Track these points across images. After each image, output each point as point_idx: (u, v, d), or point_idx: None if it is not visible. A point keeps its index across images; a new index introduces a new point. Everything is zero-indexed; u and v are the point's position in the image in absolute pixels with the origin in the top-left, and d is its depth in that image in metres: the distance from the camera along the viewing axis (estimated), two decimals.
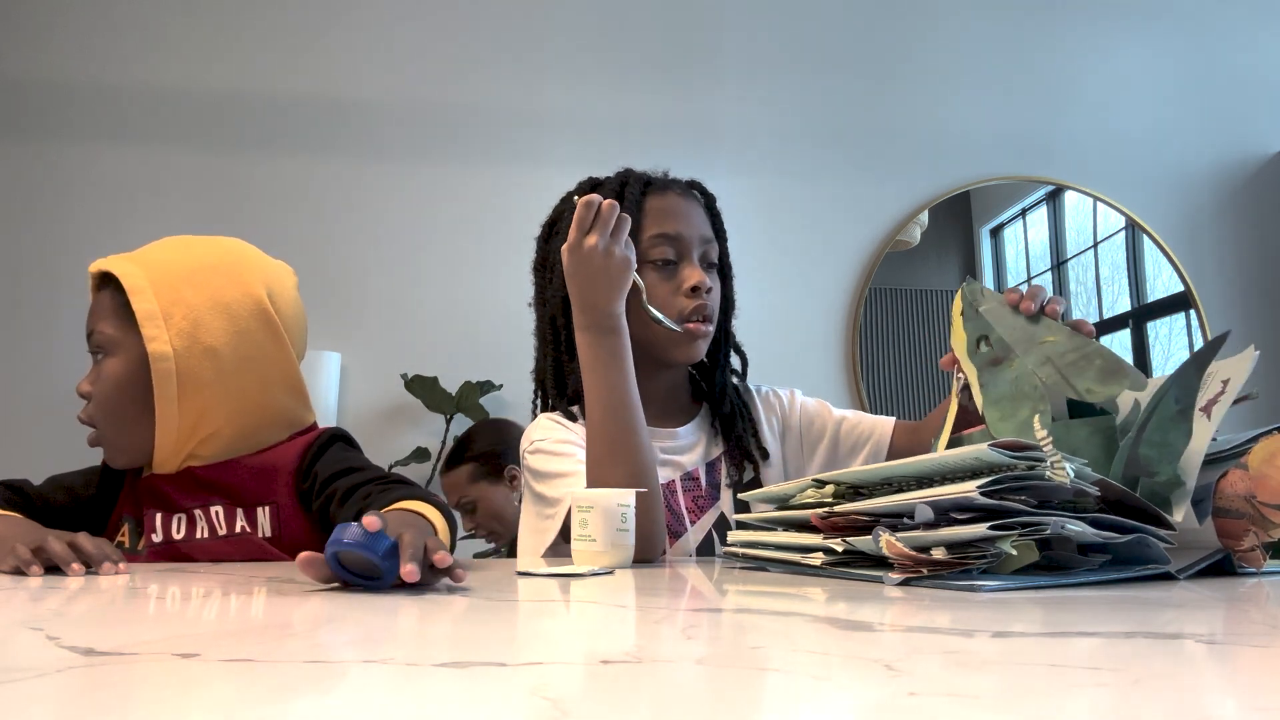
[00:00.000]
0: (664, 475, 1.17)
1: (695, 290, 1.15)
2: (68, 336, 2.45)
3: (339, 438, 1.12)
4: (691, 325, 1.14)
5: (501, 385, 2.54)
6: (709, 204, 1.25)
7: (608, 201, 1.02)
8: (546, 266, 1.23)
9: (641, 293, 1.12)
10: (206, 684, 0.33)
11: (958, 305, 0.93)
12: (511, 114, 2.75)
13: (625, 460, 1.02)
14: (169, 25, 2.67)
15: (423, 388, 2.48)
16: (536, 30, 2.80)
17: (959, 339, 0.91)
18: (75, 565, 0.80)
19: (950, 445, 0.87)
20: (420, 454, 2.48)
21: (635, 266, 1.05)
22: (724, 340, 1.26)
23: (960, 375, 0.93)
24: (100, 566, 0.82)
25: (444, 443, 2.51)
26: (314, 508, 1.04)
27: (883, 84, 2.92)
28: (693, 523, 1.16)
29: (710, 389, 1.26)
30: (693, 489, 1.19)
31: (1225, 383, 0.72)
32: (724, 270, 1.25)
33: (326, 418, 2.45)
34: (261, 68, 2.69)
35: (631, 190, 1.18)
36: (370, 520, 0.65)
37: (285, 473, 1.06)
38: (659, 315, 1.12)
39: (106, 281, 1.07)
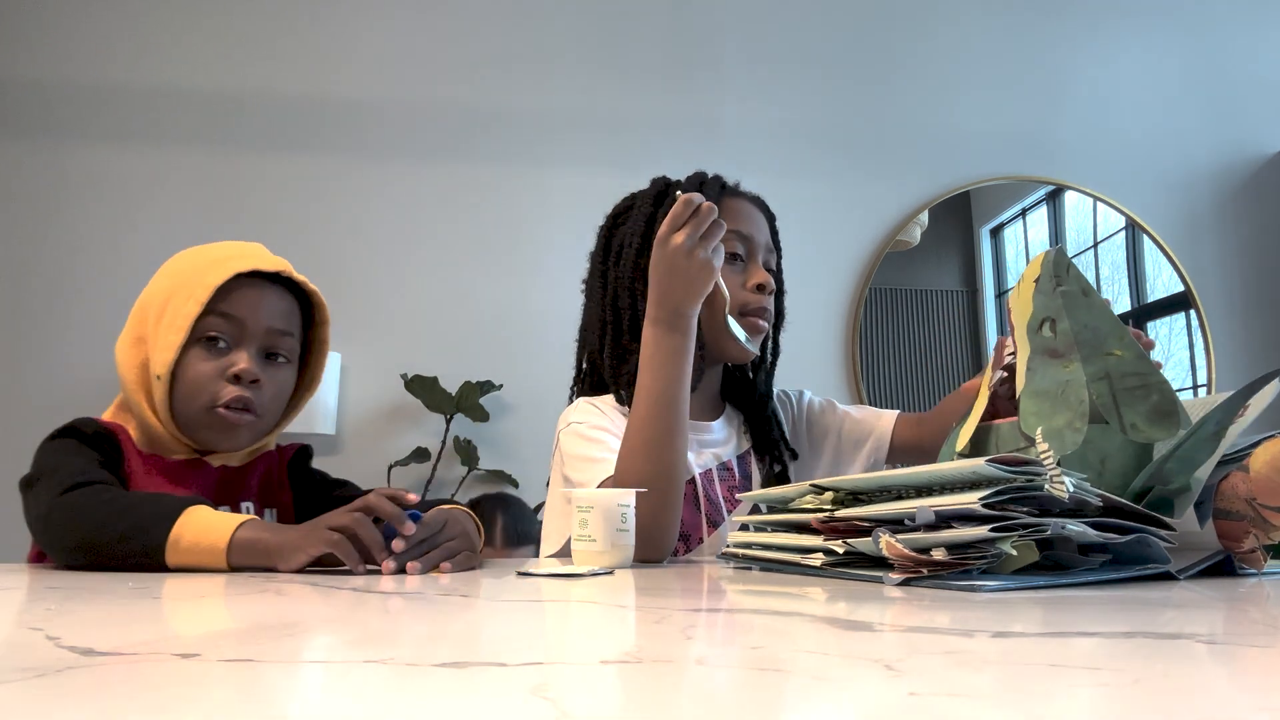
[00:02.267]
0: (701, 464, 1.20)
1: (761, 288, 1.20)
2: (68, 336, 2.46)
3: (311, 452, 1.19)
4: (752, 319, 1.20)
5: (501, 385, 2.54)
6: (770, 219, 1.30)
7: (707, 204, 1.03)
8: (609, 252, 1.25)
9: (726, 304, 1.15)
10: (206, 684, 0.33)
11: (1035, 269, 0.85)
12: (512, 114, 2.75)
13: (657, 459, 1.03)
14: (169, 25, 2.67)
15: (423, 388, 2.48)
16: (538, 31, 2.80)
17: (1023, 304, 0.84)
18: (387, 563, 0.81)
19: (976, 436, 0.85)
20: (420, 454, 2.49)
21: (717, 276, 1.05)
22: (771, 349, 1.31)
23: (1000, 371, 0.89)
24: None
25: (444, 443, 2.51)
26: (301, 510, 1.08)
27: (883, 84, 2.92)
28: (729, 511, 1.18)
29: (751, 390, 1.30)
30: (728, 479, 1.22)
31: (1247, 407, 0.72)
32: (779, 284, 1.29)
33: (327, 418, 2.45)
34: (263, 68, 2.69)
35: (710, 189, 1.23)
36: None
37: (283, 476, 1.11)
38: (739, 331, 1.15)
39: (278, 283, 1.09)
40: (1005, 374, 0.89)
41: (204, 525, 0.83)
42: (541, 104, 2.76)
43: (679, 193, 1.05)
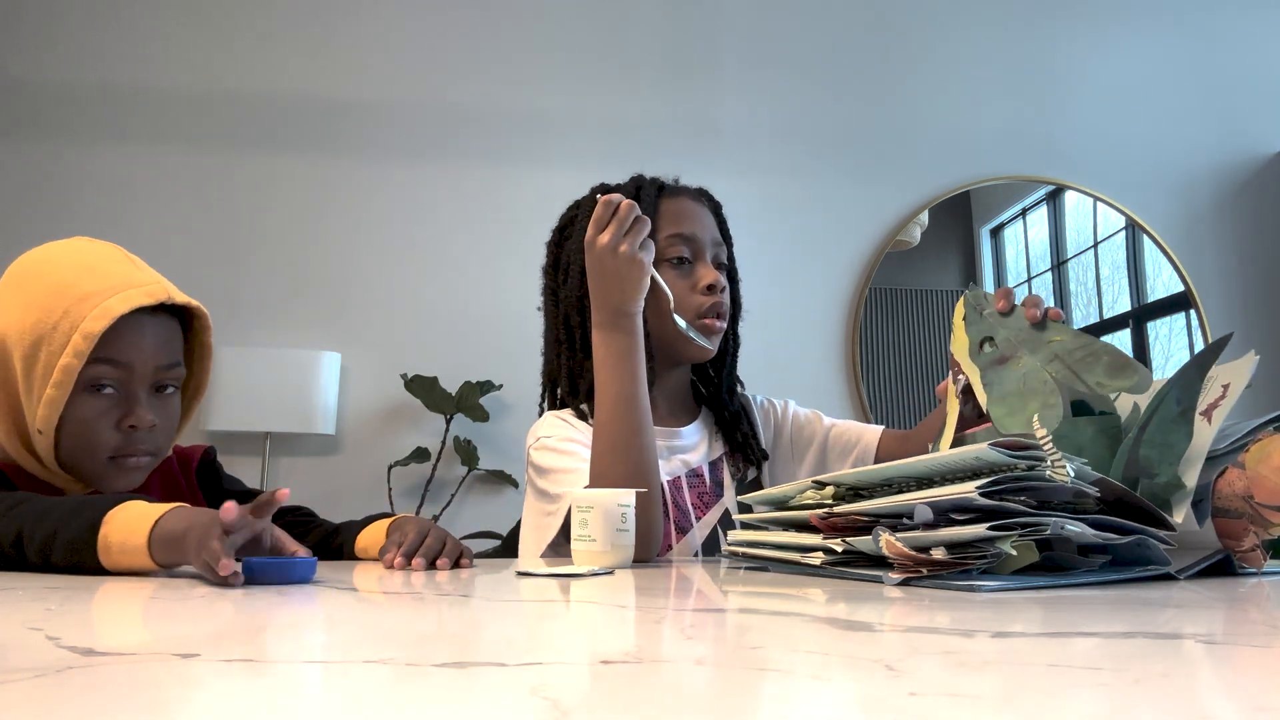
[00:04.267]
0: (670, 471, 1.19)
1: (711, 288, 1.18)
2: None
3: (214, 454, 1.14)
4: (707, 321, 1.18)
5: (501, 385, 2.54)
6: (716, 210, 1.28)
7: (626, 202, 1.03)
8: (559, 268, 1.24)
9: (669, 302, 1.13)
10: (206, 684, 0.33)
11: (960, 311, 0.93)
12: (512, 114, 2.75)
13: (626, 459, 1.03)
14: (169, 25, 2.68)
15: (423, 388, 2.48)
16: (538, 31, 2.80)
17: (960, 343, 0.91)
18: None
19: (954, 445, 0.87)
20: (420, 454, 2.49)
21: (649, 271, 1.05)
22: (732, 342, 1.29)
23: (961, 377, 0.93)
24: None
25: (444, 443, 2.51)
26: None
27: (883, 84, 2.92)
28: (698, 519, 1.17)
29: (717, 388, 1.28)
30: (697, 485, 1.21)
31: (1226, 387, 0.72)
32: (732, 274, 1.27)
33: (327, 418, 2.45)
34: (262, 68, 2.69)
35: (647, 193, 1.21)
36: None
37: (192, 483, 1.08)
38: (686, 327, 1.14)
39: (162, 311, 1.00)
40: (965, 379, 0.93)
41: (128, 525, 0.75)
42: (542, 104, 2.76)
43: (599, 196, 1.05)
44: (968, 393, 0.92)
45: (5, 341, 0.93)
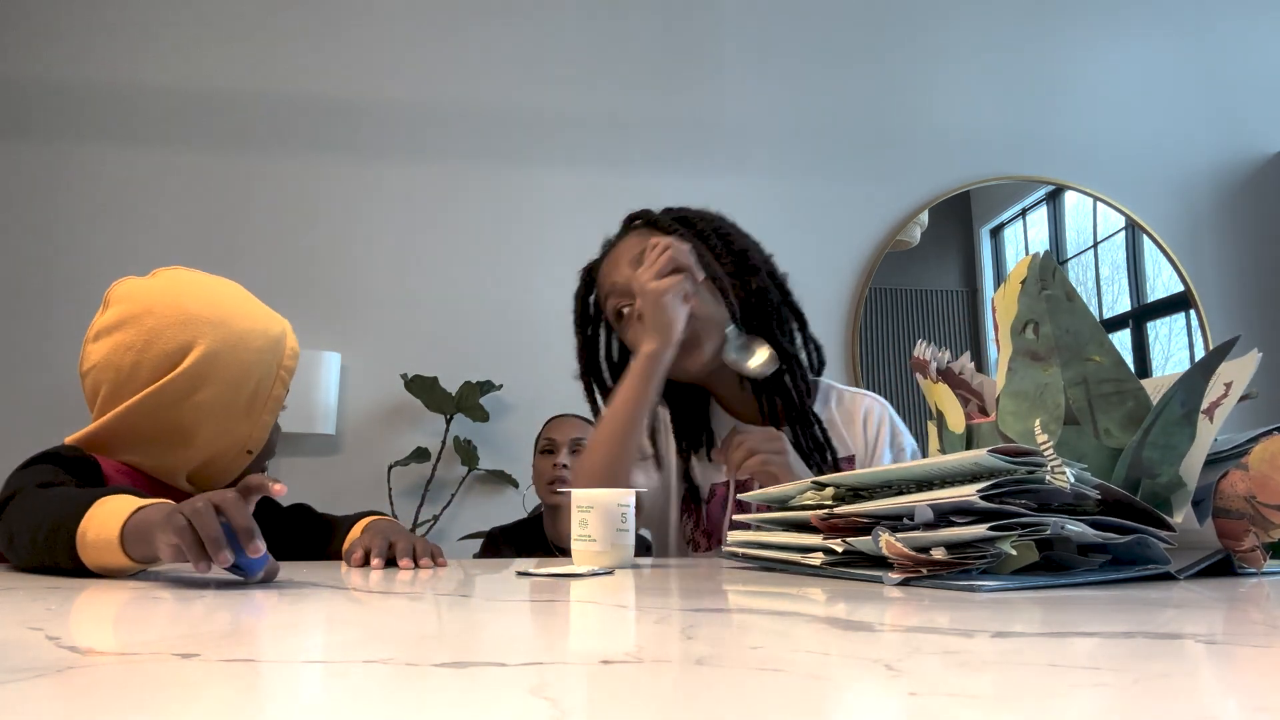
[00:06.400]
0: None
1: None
2: (67, 336, 2.46)
3: None
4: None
5: (501, 385, 2.54)
6: (653, 222, 1.24)
7: (664, 242, 1.12)
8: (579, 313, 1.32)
9: (728, 341, 1.18)
10: (206, 684, 0.33)
11: (1021, 271, 0.86)
12: (512, 114, 2.75)
13: (598, 454, 1.13)
14: (169, 25, 2.67)
15: (423, 388, 2.48)
16: (537, 30, 2.80)
17: (1008, 305, 0.85)
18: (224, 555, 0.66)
19: (966, 435, 0.86)
20: (420, 454, 2.48)
21: (677, 320, 1.10)
22: (788, 356, 1.25)
23: (938, 358, 0.91)
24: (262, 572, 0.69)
25: (444, 443, 2.51)
26: None
27: (883, 84, 2.92)
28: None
29: (785, 407, 1.24)
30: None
31: (1228, 385, 0.72)
32: (727, 286, 1.19)
33: (327, 418, 2.45)
34: (262, 68, 2.69)
35: (585, 277, 1.28)
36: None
37: None
38: (737, 359, 1.18)
39: None
40: (946, 358, 0.92)
41: (106, 517, 0.71)
42: (541, 104, 2.76)
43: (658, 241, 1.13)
44: (947, 374, 0.91)
45: (241, 379, 1.05)
